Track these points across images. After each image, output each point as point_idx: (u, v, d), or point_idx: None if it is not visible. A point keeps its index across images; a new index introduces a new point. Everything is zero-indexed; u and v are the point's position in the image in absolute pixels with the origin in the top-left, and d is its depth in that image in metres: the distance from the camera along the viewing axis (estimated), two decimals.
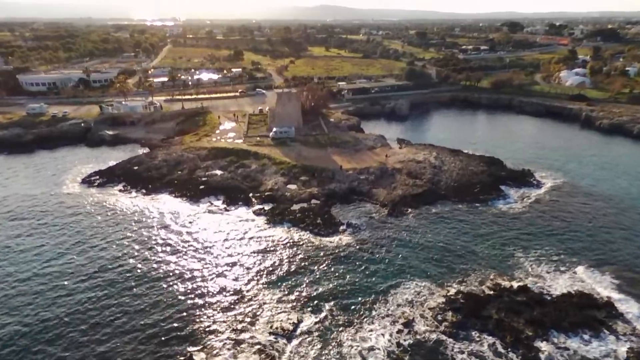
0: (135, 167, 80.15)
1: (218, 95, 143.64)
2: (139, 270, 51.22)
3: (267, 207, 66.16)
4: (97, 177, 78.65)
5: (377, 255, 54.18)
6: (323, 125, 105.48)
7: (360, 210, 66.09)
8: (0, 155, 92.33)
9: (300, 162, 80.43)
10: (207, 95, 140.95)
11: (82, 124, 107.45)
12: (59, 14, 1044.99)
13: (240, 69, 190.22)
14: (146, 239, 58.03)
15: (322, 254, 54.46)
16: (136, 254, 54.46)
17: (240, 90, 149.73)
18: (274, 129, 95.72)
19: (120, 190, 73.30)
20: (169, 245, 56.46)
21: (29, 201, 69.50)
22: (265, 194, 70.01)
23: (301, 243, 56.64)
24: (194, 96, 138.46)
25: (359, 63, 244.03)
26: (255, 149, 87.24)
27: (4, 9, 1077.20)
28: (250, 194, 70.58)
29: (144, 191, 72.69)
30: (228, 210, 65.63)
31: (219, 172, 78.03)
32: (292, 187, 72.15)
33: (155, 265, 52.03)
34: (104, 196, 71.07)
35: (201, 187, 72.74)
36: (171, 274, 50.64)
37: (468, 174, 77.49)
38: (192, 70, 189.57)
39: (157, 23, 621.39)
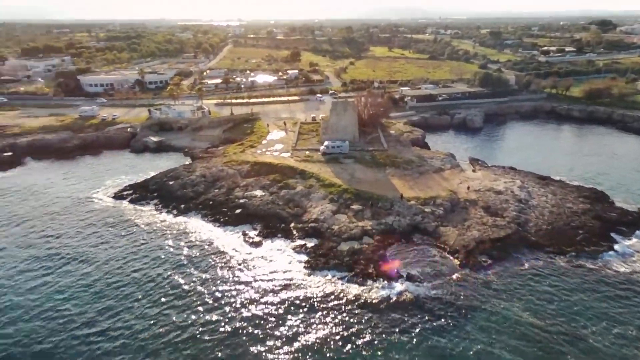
0: (171, 182, 72.73)
1: (270, 99, 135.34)
2: (135, 309, 42.63)
3: (309, 244, 54.91)
4: (131, 191, 72.25)
5: (446, 329, 40.83)
6: (382, 139, 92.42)
7: (424, 256, 52.63)
8: (47, 161, 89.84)
9: (353, 186, 68.30)
10: (258, 100, 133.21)
11: (129, 129, 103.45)
12: (137, 15, 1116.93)
13: (296, 71, 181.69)
14: (160, 270, 49.31)
15: (370, 318, 42.10)
16: (142, 287, 45.83)
17: (319, 96, 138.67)
18: (326, 143, 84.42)
19: (150, 210, 65.89)
20: (183, 282, 47.01)
21: (53, 210, 64.66)
22: (309, 225, 58.79)
23: (346, 300, 44.61)
24: (245, 100, 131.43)
25: (424, 65, 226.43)
26: (302, 166, 76.46)
27: (85, 11, 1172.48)
28: (292, 224, 59.74)
29: (175, 212, 64.67)
30: (263, 245, 55.24)
31: (259, 193, 68.16)
32: (342, 218, 60.26)
33: (156, 306, 42.83)
34: (132, 215, 63.93)
35: (237, 211, 63.22)
36: (174, 321, 41.06)
37: (565, 214, 60.81)
38: (248, 72, 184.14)
39: (222, 24, 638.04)
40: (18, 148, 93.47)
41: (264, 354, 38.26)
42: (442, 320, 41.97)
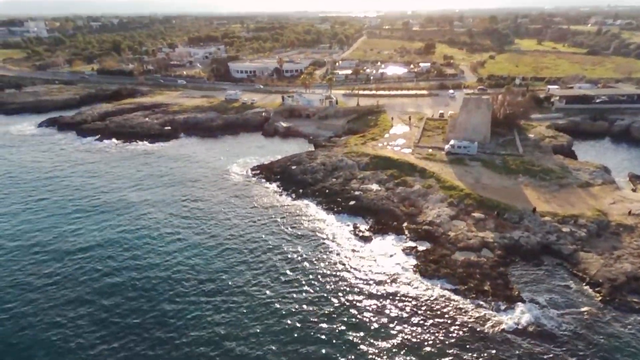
0: (293, 167, 76.72)
1: (397, 92, 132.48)
2: (242, 281, 45.41)
3: (420, 247, 52.46)
4: (258, 171, 78.48)
5: None
6: (517, 143, 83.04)
7: (554, 283, 45.87)
8: (196, 137, 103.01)
9: (476, 192, 62.95)
10: (385, 92, 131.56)
11: (263, 114, 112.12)
12: (283, 8, 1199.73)
13: (428, 64, 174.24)
14: (270, 250, 52.18)
15: (480, 340, 38.40)
16: (252, 264, 48.89)
17: (452, 91, 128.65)
18: (451, 142, 79.30)
19: (272, 190, 70.63)
20: (288, 267, 48.98)
21: (195, 179, 74.19)
22: (423, 227, 56.12)
23: (453, 315, 41.45)
24: (372, 92, 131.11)
25: (581, 61, 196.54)
26: (422, 164, 73.28)
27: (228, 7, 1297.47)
28: (405, 224, 57.79)
29: (293, 196, 68.17)
30: (372, 241, 54.59)
31: (374, 187, 67.55)
32: (460, 224, 56.06)
33: (259, 282, 45.29)
34: (256, 193, 69.45)
35: (351, 203, 63.66)
36: (274, 304, 42.86)
37: None
38: (378, 63, 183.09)
39: (359, 15, 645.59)
40: (176, 123, 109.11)
41: (356, 351, 37.97)
42: (574, 356, 36.14)
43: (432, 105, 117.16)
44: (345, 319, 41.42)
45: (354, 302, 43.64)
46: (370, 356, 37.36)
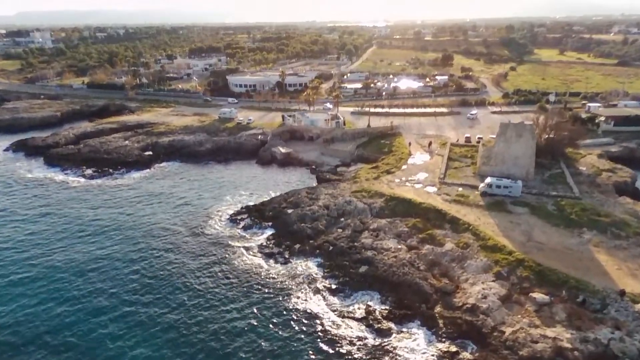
0: (289, 211, 61.10)
1: (413, 110, 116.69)
2: None
3: (463, 354, 36.23)
4: (246, 215, 63.00)
5: None
6: (569, 179, 66.59)
7: None
8: (179, 165, 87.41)
9: (531, 256, 46.55)
10: (399, 110, 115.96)
11: (260, 136, 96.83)
12: (292, 18, 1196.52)
13: (446, 77, 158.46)
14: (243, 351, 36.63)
15: None
16: None
17: (473, 112, 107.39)
18: (488, 180, 62.93)
19: (259, 245, 54.89)
20: None
21: (165, 226, 58.62)
22: (463, 316, 39.89)
23: None
24: (384, 110, 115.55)
25: (612, 72, 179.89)
26: (453, 211, 57.08)
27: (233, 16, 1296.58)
28: (437, 308, 41.60)
29: (286, 255, 52.31)
30: (392, 335, 38.58)
31: (392, 245, 51.46)
32: (516, 312, 39.70)
33: None
34: (239, 251, 53.69)
35: (361, 269, 47.76)
36: None
37: None
38: (390, 76, 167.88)
39: (368, 25, 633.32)
40: (159, 147, 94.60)
41: None
42: None
43: (455, 126, 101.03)
44: None
45: None
46: None
